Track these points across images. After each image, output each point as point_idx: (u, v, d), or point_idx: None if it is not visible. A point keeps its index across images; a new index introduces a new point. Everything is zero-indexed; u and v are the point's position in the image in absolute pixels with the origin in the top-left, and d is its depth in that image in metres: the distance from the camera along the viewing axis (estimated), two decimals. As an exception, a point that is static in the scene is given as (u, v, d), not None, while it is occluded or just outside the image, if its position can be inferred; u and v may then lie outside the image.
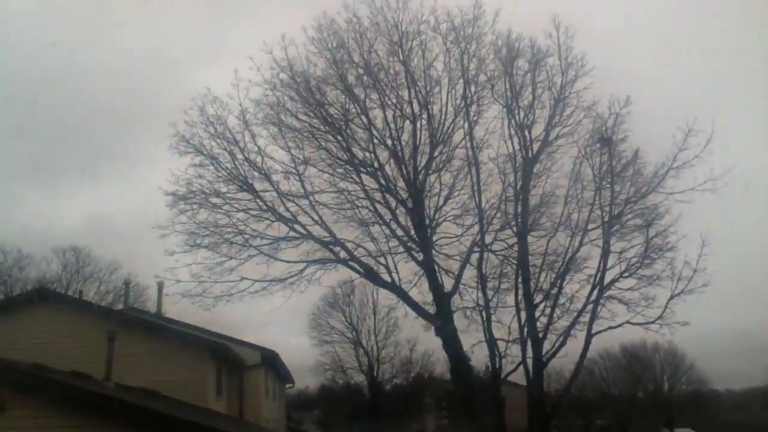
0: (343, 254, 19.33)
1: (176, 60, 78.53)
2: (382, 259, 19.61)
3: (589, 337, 19.58)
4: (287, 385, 33.60)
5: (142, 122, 69.95)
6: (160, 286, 23.11)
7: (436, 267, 19.56)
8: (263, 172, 18.89)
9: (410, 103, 19.46)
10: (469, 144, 19.93)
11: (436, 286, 19.26)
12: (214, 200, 18.67)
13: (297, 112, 19.33)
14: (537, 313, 19.87)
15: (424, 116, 19.59)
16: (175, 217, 18.25)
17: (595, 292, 19.65)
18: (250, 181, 18.84)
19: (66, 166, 74.68)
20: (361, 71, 19.41)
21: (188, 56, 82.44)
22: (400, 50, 19.30)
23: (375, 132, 19.59)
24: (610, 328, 19.83)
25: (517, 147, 20.09)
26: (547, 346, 19.68)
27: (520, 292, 19.88)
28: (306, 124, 19.40)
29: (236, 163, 18.80)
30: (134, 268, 61.44)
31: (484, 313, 19.95)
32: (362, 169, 19.62)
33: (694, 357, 54.11)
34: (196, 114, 18.48)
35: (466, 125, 19.84)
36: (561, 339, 19.63)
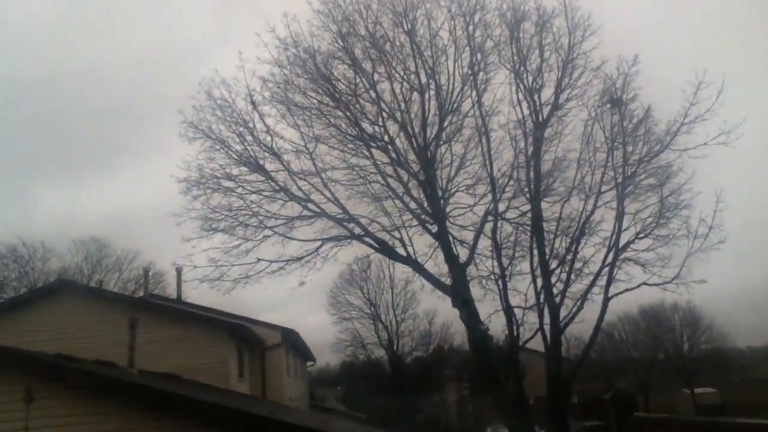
0: (357, 230, 19.32)
1: (191, 51, 78.71)
2: (396, 233, 19.58)
3: (606, 300, 19.50)
4: (308, 363, 33.89)
5: (159, 114, 70.52)
6: (179, 272, 23.27)
7: (450, 238, 19.54)
8: (274, 152, 18.84)
9: (417, 74, 19.29)
10: (478, 112, 19.78)
11: (451, 257, 19.23)
12: (227, 184, 18.69)
13: (305, 89, 19.25)
14: (553, 279, 19.80)
15: (432, 87, 19.43)
16: (189, 203, 18.34)
17: (611, 254, 19.56)
18: (261, 162, 18.82)
19: (86, 160, 75.72)
20: (367, 44, 19.23)
21: (203, 47, 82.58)
22: (405, 21, 19.11)
23: (384, 105, 19.49)
24: (627, 290, 19.73)
25: (526, 112, 19.95)
26: (564, 311, 19.64)
27: (536, 258, 19.81)
28: (314, 101, 19.32)
29: (246, 144, 18.78)
30: (155, 256, 62.19)
31: (500, 282, 19.94)
32: (372, 144, 19.51)
33: (713, 315, 53.79)
34: (204, 99, 18.44)
35: (475, 93, 19.67)
36: (578, 303, 19.57)
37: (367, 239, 19.48)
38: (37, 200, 64.73)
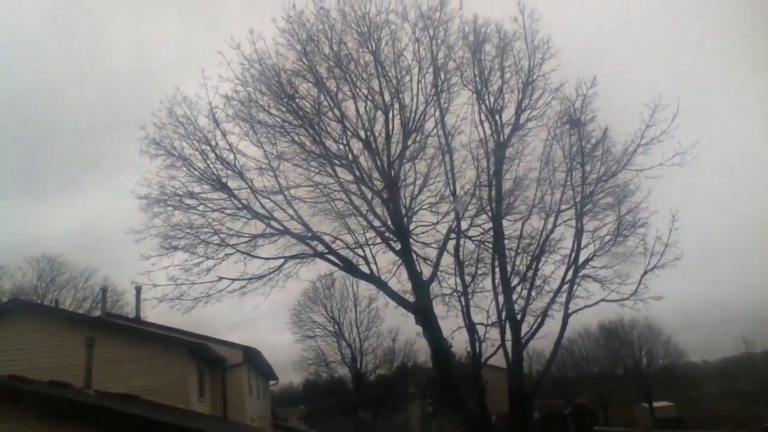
0: (320, 248, 19.27)
1: (157, 69, 77.78)
2: (360, 251, 19.62)
3: (566, 316, 19.72)
4: (271, 382, 33.52)
5: (121, 131, 69.52)
6: (138, 290, 22.84)
7: (413, 256, 19.64)
8: (236, 169, 18.69)
9: (381, 93, 19.40)
10: (441, 131, 20.03)
11: (414, 275, 19.32)
12: (188, 201, 18.39)
13: (269, 107, 19.20)
14: (514, 296, 20.01)
15: (396, 106, 19.56)
16: (149, 220, 18.01)
17: (570, 272, 19.84)
18: (224, 180, 18.59)
19: (45, 178, 73.88)
20: (331, 63, 19.29)
21: (170, 65, 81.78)
22: (369, 41, 19.24)
23: (348, 124, 19.52)
24: (586, 306, 19.97)
25: (488, 132, 20.25)
26: (525, 328, 19.81)
27: (497, 276, 20.04)
28: (278, 119, 19.26)
29: (208, 162, 18.53)
30: (114, 274, 60.99)
31: (462, 299, 20.14)
32: (336, 162, 19.53)
33: (670, 331, 55.12)
34: (165, 116, 18.25)
35: (438, 113, 19.92)
36: (538, 320, 19.78)
37: (330, 257, 19.45)
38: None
